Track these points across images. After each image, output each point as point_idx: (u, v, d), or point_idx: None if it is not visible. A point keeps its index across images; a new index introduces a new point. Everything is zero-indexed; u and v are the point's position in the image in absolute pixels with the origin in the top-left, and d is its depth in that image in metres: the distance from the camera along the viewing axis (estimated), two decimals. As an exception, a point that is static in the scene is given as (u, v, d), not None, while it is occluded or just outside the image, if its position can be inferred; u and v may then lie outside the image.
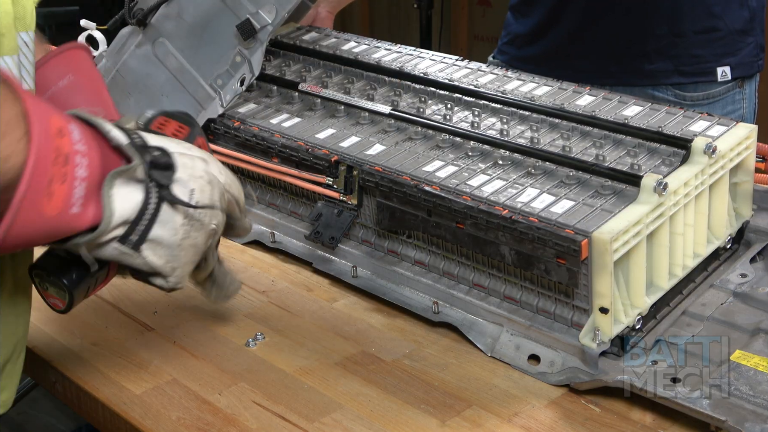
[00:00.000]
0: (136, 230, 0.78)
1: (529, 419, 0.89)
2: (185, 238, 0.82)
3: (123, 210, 0.77)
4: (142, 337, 1.06)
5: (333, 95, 1.24)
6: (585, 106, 1.13)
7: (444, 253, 1.06)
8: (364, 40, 1.40)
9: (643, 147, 1.04)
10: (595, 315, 0.93)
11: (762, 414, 0.83)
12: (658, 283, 0.99)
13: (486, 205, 0.98)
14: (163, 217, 0.80)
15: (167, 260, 0.81)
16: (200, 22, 1.27)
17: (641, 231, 0.93)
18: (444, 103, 1.19)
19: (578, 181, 1.00)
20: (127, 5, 1.29)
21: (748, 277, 1.04)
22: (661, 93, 1.59)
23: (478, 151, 1.08)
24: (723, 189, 1.05)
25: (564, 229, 0.92)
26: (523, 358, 0.97)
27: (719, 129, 1.05)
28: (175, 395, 0.95)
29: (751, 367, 0.88)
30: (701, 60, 1.58)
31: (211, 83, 1.27)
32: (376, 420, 0.90)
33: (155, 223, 0.79)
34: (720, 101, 1.60)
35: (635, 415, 0.89)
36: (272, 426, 0.90)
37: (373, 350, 1.01)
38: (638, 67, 1.59)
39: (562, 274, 0.93)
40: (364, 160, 1.10)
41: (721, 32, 1.58)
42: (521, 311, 1.00)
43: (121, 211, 0.76)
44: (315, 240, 1.15)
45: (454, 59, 1.30)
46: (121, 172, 0.76)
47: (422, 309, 1.06)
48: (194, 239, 0.83)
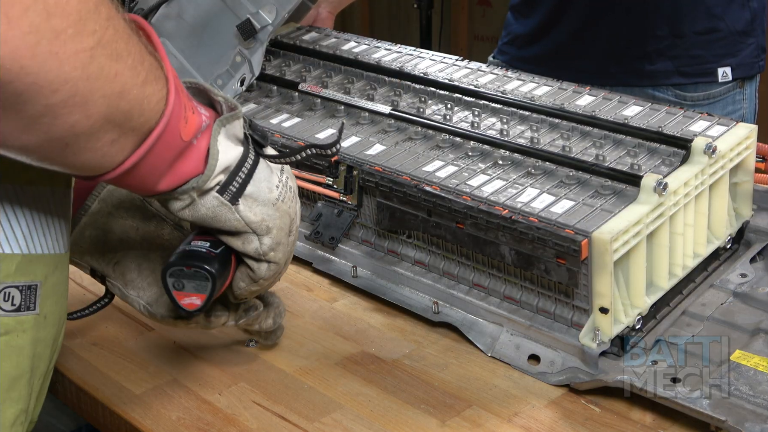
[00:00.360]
0: (235, 181, 0.80)
1: (529, 419, 0.89)
2: (279, 200, 0.84)
3: (226, 156, 0.79)
4: (142, 337, 1.06)
5: (333, 95, 1.24)
6: (585, 106, 1.13)
7: (444, 253, 1.06)
8: (364, 40, 1.40)
9: (643, 147, 1.04)
10: (595, 315, 0.93)
11: (762, 414, 0.83)
12: (658, 283, 0.99)
13: (486, 205, 0.98)
14: (260, 175, 0.82)
15: (263, 218, 0.83)
16: (200, 22, 1.27)
17: (641, 231, 0.93)
18: (444, 103, 1.19)
19: (578, 181, 1.00)
20: (128, 5, 1.29)
21: (748, 277, 1.04)
22: (662, 93, 1.59)
23: (478, 151, 1.08)
24: (723, 189, 1.05)
25: (564, 229, 0.92)
26: (523, 358, 0.98)
27: (719, 129, 1.05)
28: (175, 395, 0.95)
29: (751, 367, 0.88)
30: (702, 60, 1.58)
31: (211, 83, 1.27)
32: (376, 420, 0.90)
33: (252, 179, 0.82)
34: (720, 102, 1.60)
35: (635, 415, 0.89)
36: (272, 426, 0.90)
37: (373, 350, 1.01)
38: (639, 68, 1.59)
39: (562, 274, 0.93)
40: (364, 160, 1.10)
41: (722, 33, 1.58)
42: (521, 311, 1.00)
43: (225, 156, 0.79)
44: (315, 240, 1.15)
45: (454, 59, 1.31)
46: (228, 118, 0.80)
47: (422, 309, 1.06)
48: (287, 206, 0.85)
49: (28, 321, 0.77)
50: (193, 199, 0.80)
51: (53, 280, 0.80)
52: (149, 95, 0.71)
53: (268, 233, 0.84)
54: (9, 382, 0.77)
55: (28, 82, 0.60)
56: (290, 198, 0.86)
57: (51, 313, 0.80)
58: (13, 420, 0.78)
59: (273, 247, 0.85)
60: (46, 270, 0.79)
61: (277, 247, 0.85)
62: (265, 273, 0.86)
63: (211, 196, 0.80)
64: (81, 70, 0.63)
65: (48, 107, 0.63)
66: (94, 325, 1.08)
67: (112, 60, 0.66)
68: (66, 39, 0.61)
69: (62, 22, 0.61)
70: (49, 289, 0.79)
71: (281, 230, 0.85)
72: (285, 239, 0.86)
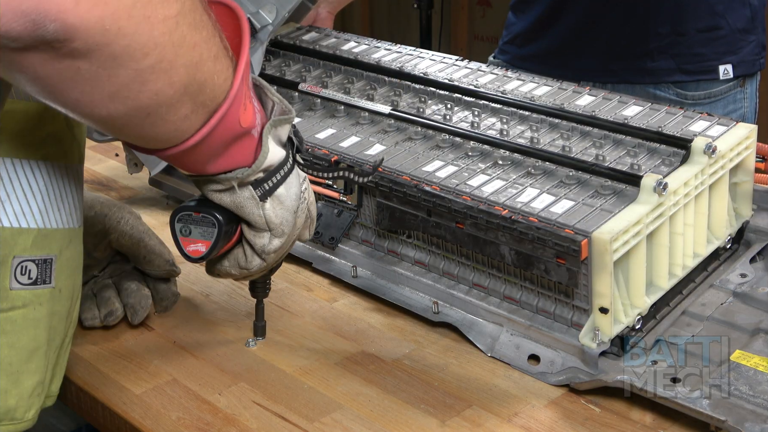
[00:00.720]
0: (270, 180, 0.84)
1: (529, 419, 0.89)
2: (299, 210, 0.88)
3: (273, 156, 0.83)
4: (142, 337, 1.06)
5: (333, 95, 1.24)
6: (585, 106, 1.13)
7: (444, 253, 1.06)
8: (364, 40, 1.40)
9: (643, 147, 1.04)
10: (595, 315, 0.93)
11: (762, 414, 0.83)
12: (658, 283, 0.99)
13: (486, 205, 0.98)
14: (291, 180, 0.86)
15: (282, 221, 0.86)
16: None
17: (641, 231, 0.93)
18: (444, 103, 1.19)
19: (578, 181, 1.00)
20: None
21: (748, 277, 1.04)
22: (663, 92, 1.59)
23: (478, 151, 1.08)
24: (723, 189, 1.05)
25: (564, 229, 0.92)
26: (523, 358, 0.98)
27: (719, 129, 1.05)
28: (175, 395, 0.95)
29: (751, 367, 0.88)
30: (703, 58, 1.58)
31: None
32: (376, 420, 0.90)
33: (284, 182, 0.85)
34: (722, 100, 1.60)
35: (635, 415, 0.89)
36: (272, 426, 0.90)
37: (373, 350, 1.01)
38: (640, 65, 1.59)
39: (562, 274, 0.93)
40: (364, 160, 1.10)
41: (724, 30, 1.58)
42: (521, 311, 1.00)
43: (271, 156, 0.82)
44: (315, 240, 1.15)
45: (454, 59, 1.30)
46: (281, 120, 0.83)
47: (422, 309, 1.06)
48: (301, 216, 0.88)
49: (44, 294, 0.80)
50: (232, 187, 0.82)
51: (67, 254, 0.82)
52: (219, 71, 0.73)
53: (281, 236, 0.87)
54: (27, 354, 0.80)
55: (123, 44, 0.63)
56: (303, 209, 0.89)
57: (65, 287, 0.83)
58: (31, 391, 0.81)
59: (276, 249, 0.88)
60: (61, 244, 0.81)
61: (279, 250, 0.88)
62: (254, 267, 0.89)
63: (247, 188, 0.83)
64: (168, 35, 0.66)
65: (138, 72, 0.65)
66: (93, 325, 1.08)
67: (193, 29, 0.68)
68: (156, 4, 0.64)
69: None
70: (63, 263, 0.82)
71: (290, 237, 0.89)
72: (288, 246, 0.89)
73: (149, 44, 0.64)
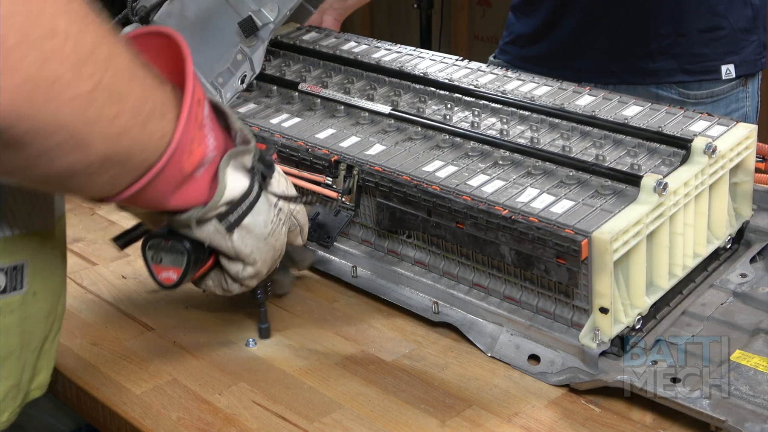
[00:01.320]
0: (236, 212, 0.83)
1: (529, 419, 0.89)
2: (271, 235, 0.87)
3: (232, 189, 0.82)
4: (142, 337, 1.06)
5: (333, 95, 1.24)
6: (585, 106, 1.13)
7: (444, 253, 1.06)
8: (364, 40, 1.40)
9: (643, 147, 1.04)
10: (595, 315, 0.93)
11: (762, 414, 0.83)
12: (658, 283, 0.99)
13: (486, 205, 0.98)
14: (259, 208, 0.85)
15: (252, 250, 0.86)
16: (202, 20, 1.26)
17: (641, 231, 0.93)
18: (444, 103, 1.19)
19: (578, 181, 1.00)
20: (130, 3, 1.29)
21: (748, 277, 1.04)
22: (665, 92, 1.59)
23: (478, 151, 1.08)
24: (723, 189, 1.05)
25: (564, 229, 0.92)
26: (523, 358, 0.98)
27: (719, 129, 1.05)
28: (175, 395, 0.95)
29: (751, 367, 0.88)
30: (705, 58, 1.58)
31: (212, 81, 1.27)
32: (376, 420, 0.90)
33: (251, 211, 0.84)
34: (724, 99, 1.60)
35: (635, 415, 0.89)
36: (272, 426, 0.90)
37: (373, 350, 1.01)
38: (641, 66, 1.59)
39: (562, 274, 0.93)
40: (364, 160, 1.10)
41: (725, 30, 1.58)
42: (521, 311, 1.00)
43: (231, 190, 0.81)
44: (311, 239, 1.14)
45: (454, 59, 1.30)
46: (239, 152, 0.82)
47: (422, 309, 1.06)
48: (276, 239, 0.88)
49: (14, 301, 0.77)
50: (191, 224, 0.81)
51: (43, 255, 0.80)
52: (151, 133, 0.71)
53: (253, 264, 0.87)
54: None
55: (25, 128, 0.61)
56: (279, 231, 0.88)
57: (41, 289, 0.80)
58: (4, 395, 0.79)
59: (252, 276, 0.88)
60: (33, 248, 0.79)
61: (256, 275, 0.88)
62: (235, 290, 0.90)
63: (210, 224, 0.82)
64: (79, 114, 0.63)
65: (46, 149, 0.63)
66: (94, 325, 1.08)
67: (113, 102, 0.65)
68: (62, 85, 0.61)
69: (58, 68, 0.60)
70: (38, 265, 0.79)
71: (265, 263, 0.88)
72: (265, 270, 0.89)
73: (54, 125, 0.62)
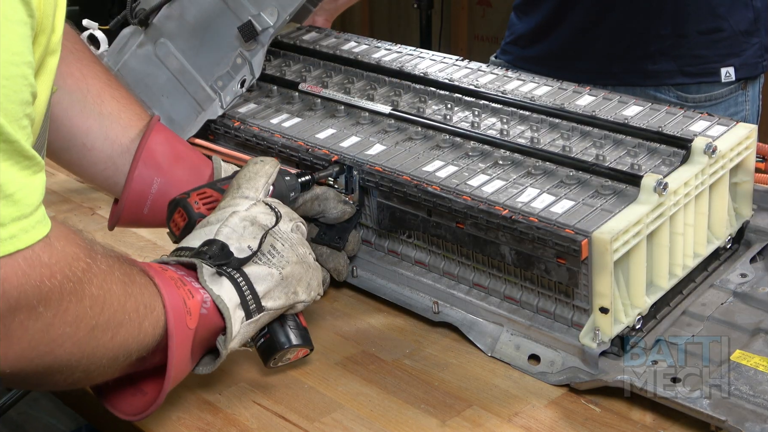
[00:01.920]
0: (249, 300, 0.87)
1: (529, 419, 0.89)
2: (281, 269, 0.90)
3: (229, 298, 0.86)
4: (142, 337, 1.05)
5: (333, 95, 1.24)
6: (585, 106, 1.13)
7: (444, 253, 1.06)
8: (364, 40, 1.40)
9: (643, 147, 1.04)
10: (595, 315, 0.93)
11: (762, 414, 0.83)
12: (658, 283, 0.99)
13: (486, 205, 0.98)
14: (258, 275, 0.88)
15: (287, 295, 0.91)
16: (202, 23, 1.26)
17: (641, 231, 0.93)
18: (444, 103, 1.19)
19: (578, 181, 1.00)
20: (130, 5, 1.29)
21: (748, 277, 1.04)
22: (664, 95, 1.59)
23: (478, 151, 1.08)
24: (723, 189, 1.05)
25: (564, 229, 0.92)
26: (523, 358, 0.98)
27: (719, 129, 1.05)
28: (175, 395, 0.95)
29: (751, 367, 0.88)
30: (705, 60, 1.58)
31: (212, 85, 1.27)
32: (376, 420, 0.90)
33: (255, 286, 0.88)
34: (723, 103, 1.60)
35: (635, 415, 0.89)
36: (272, 426, 0.90)
37: (373, 350, 1.01)
38: (642, 67, 1.59)
39: (562, 274, 0.93)
40: (364, 160, 1.10)
41: (726, 33, 1.57)
42: (521, 311, 1.00)
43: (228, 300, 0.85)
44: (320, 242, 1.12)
45: (454, 59, 1.30)
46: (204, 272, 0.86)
47: (422, 309, 1.06)
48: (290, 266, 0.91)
49: None
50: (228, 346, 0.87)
51: None
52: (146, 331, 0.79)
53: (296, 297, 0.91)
54: None
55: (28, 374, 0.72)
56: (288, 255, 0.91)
57: None
58: None
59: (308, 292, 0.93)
60: None
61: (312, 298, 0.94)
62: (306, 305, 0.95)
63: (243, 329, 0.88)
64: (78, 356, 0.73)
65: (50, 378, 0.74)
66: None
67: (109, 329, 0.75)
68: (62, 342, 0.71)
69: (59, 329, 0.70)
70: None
71: (301, 281, 0.92)
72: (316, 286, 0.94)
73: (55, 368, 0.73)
